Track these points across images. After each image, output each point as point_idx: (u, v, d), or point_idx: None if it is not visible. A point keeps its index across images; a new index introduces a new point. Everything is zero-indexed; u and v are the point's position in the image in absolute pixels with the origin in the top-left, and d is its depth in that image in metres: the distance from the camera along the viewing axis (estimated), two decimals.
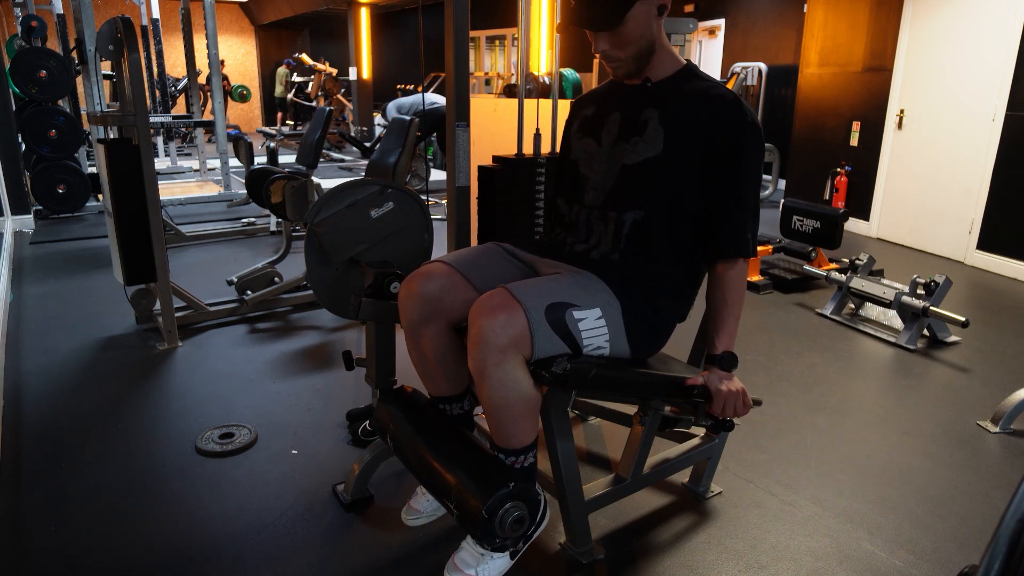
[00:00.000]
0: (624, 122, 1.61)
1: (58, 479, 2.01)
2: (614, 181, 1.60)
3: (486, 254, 1.70)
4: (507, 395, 1.42)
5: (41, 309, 3.46)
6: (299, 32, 14.97)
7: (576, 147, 1.72)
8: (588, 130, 1.69)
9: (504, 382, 1.40)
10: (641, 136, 1.56)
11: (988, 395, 2.65)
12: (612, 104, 1.66)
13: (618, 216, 1.58)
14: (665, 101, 1.56)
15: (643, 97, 1.59)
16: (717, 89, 1.55)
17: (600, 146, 1.64)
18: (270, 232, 5.14)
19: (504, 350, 1.38)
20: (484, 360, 1.38)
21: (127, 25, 2.71)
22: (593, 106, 1.71)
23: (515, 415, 1.46)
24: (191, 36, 6.54)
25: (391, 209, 1.91)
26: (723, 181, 1.52)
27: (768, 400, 2.54)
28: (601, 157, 1.63)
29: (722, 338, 1.55)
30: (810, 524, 1.86)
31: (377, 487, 1.96)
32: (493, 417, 1.47)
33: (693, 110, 1.53)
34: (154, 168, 2.80)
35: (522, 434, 1.49)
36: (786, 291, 3.96)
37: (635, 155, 1.56)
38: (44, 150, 5.23)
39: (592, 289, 1.50)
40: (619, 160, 1.59)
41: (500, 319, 1.37)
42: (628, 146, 1.58)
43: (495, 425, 1.48)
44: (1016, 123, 4.33)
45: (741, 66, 7.05)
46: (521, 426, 1.48)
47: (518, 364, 1.41)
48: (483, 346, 1.38)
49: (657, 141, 1.54)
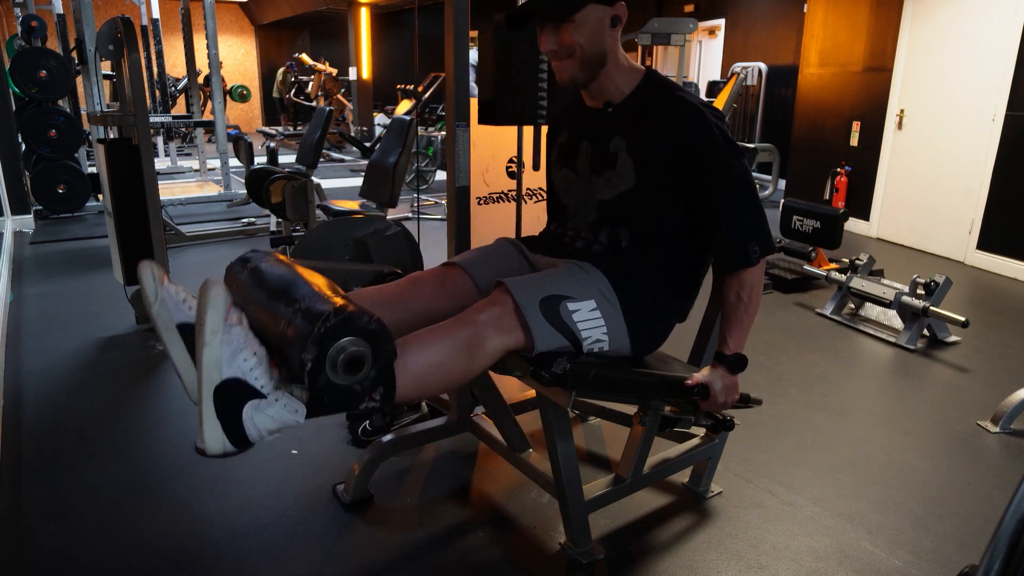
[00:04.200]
0: (594, 153, 1.60)
1: (58, 479, 2.01)
2: (596, 214, 1.60)
3: (494, 252, 1.70)
4: (465, 342, 1.34)
5: (41, 309, 3.46)
6: (299, 32, 14.97)
7: (556, 177, 1.72)
8: (564, 160, 1.69)
9: (476, 335, 1.34)
10: (613, 170, 1.55)
11: (988, 395, 2.65)
12: (581, 132, 1.64)
13: (612, 230, 1.58)
14: (629, 126, 1.54)
15: (608, 124, 1.58)
16: (678, 102, 1.50)
17: (578, 177, 1.64)
18: (270, 232, 5.14)
19: (496, 321, 1.36)
20: (481, 318, 1.37)
21: (127, 25, 2.71)
22: (566, 131, 1.70)
23: (441, 357, 1.32)
24: (191, 36, 6.54)
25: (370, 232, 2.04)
26: (707, 197, 1.50)
27: (768, 400, 2.54)
28: (579, 188, 1.64)
29: (734, 337, 1.52)
30: (810, 524, 1.86)
31: (377, 487, 1.96)
32: (430, 338, 1.33)
33: (658, 131, 1.50)
34: (154, 168, 2.80)
35: (416, 373, 1.29)
36: (786, 291, 3.96)
37: (610, 190, 1.56)
38: (44, 150, 5.23)
39: (587, 281, 1.49)
40: (596, 195, 1.59)
41: (494, 311, 1.38)
42: (602, 180, 1.57)
43: (417, 342, 1.32)
44: (1016, 123, 4.33)
45: (741, 66, 7.05)
46: (427, 371, 1.31)
47: (501, 338, 1.37)
48: (477, 311, 1.38)
49: (628, 174, 1.53)
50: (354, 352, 1.10)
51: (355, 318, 1.10)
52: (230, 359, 1.11)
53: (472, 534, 1.80)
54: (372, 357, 1.12)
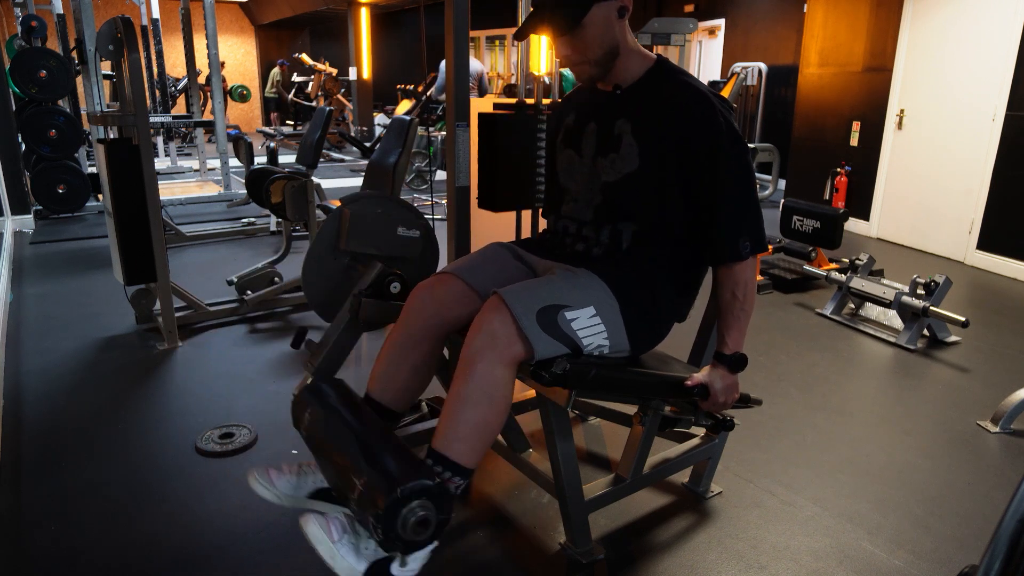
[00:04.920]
0: (600, 135, 1.60)
1: (58, 478, 2.01)
2: (600, 197, 1.59)
3: (489, 257, 1.71)
4: (479, 391, 1.38)
5: (41, 309, 3.46)
6: (299, 32, 14.96)
7: (560, 158, 1.72)
8: (569, 141, 1.68)
9: (483, 377, 1.38)
10: (617, 152, 1.55)
11: (988, 395, 2.65)
12: (589, 113, 1.64)
13: (613, 226, 1.58)
14: (636, 110, 1.54)
15: (615, 106, 1.58)
16: (686, 88, 1.51)
17: (581, 158, 1.64)
18: (270, 232, 5.14)
19: (493, 345, 1.38)
20: (476, 351, 1.39)
21: (127, 25, 2.71)
22: (573, 113, 1.70)
23: (474, 416, 1.39)
24: (191, 36, 6.54)
25: (415, 237, 2.11)
26: (705, 186, 1.49)
27: (768, 400, 2.54)
28: (583, 170, 1.63)
29: (733, 335, 1.53)
30: (810, 524, 1.86)
31: None
32: (452, 409, 1.40)
33: (663, 116, 1.51)
34: (154, 168, 2.80)
35: (467, 445, 1.39)
36: (786, 291, 3.96)
37: (614, 172, 1.56)
38: (44, 150, 5.23)
39: (584, 286, 1.49)
40: (600, 176, 1.59)
41: (494, 321, 1.39)
42: (607, 162, 1.57)
43: (448, 420, 1.39)
44: (1016, 123, 4.33)
45: (741, 66, 7.05)
46: (472, 434, 1.39)
47: (504, 365, 1.39)
48: (474, 339, 1.40)
49: (632, 156, 1.53)
50: (422, 516, 1.25)
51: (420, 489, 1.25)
52: (356, 557, 1.28)
53: (472, 534, 1.80)
54: (436, 514, 1.27)
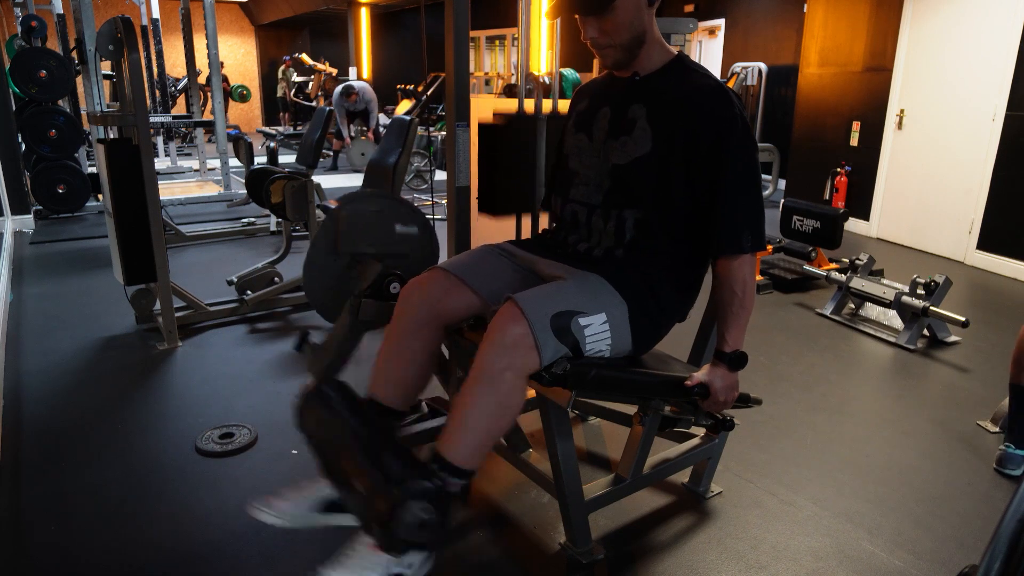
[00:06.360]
0: (613, 118, 1.61)
1: (58, 478, 2.01)
2: (609, 180, 1.59)
3: (482, 256, 1.72)
4: (495, 402, 1.40)
5: (41, 309, 3.46)
6: (299, 32, 14.96)
7: (569, 142, 1.72)
8: (580, 125, 1.69)
9: (500, 388, 1.39)
10: (629, 135, 1.56)
11: (988, 395, 2.65)
12: (603, 98, 1.65)
13: (619, 214, 1.58)
14: (652, 96, 1.55)
15: (631, 92, 1.59)
16: (704, 81, 1.53)
17: (591, 141, 1.65)
18: (270, 232, 5.14)
19: (511, 356, 1.39)
20: (491, 359, 1.39)
21: (127, 25, 2.71)
22: (587, 99, 1.71)
23: (487, 425, 1.42)
24: (191, 36, 6.54)
25: (413, 233, 2.08)
26: (709, 178, 1.50)
27: (768, 400, 2.54)
28: (592, 153, 1.63)
29: (732, 333, 1.52)
30: (810, 524, 1.86)
31: None
32: (463, 416, 1.41)
33: (678, 105, 1.52)
34: (154, 168, 2.80)
35: (475, 450, 1.42)
36: (786, 291, 3.96)
37: (625, 155, 1.56)
38: (44, 150, 5.23)
39: (595, 291, 1.49)
40: (610, 159, 1.59)
41: (513, 332, 1.39)
42: (617, 144, 1.57)
43: (459, 427, 1.42)
44: (1016, 123, 4.33)
45: (741, 66, 7.05)
46: (482, 441, 1.42)
47: (521, 377, 1.41)
48: (492, 348, 1.40)
49: (645, 140, 1.53)
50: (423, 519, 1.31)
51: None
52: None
53: (472, 534, 1.80)
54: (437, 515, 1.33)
